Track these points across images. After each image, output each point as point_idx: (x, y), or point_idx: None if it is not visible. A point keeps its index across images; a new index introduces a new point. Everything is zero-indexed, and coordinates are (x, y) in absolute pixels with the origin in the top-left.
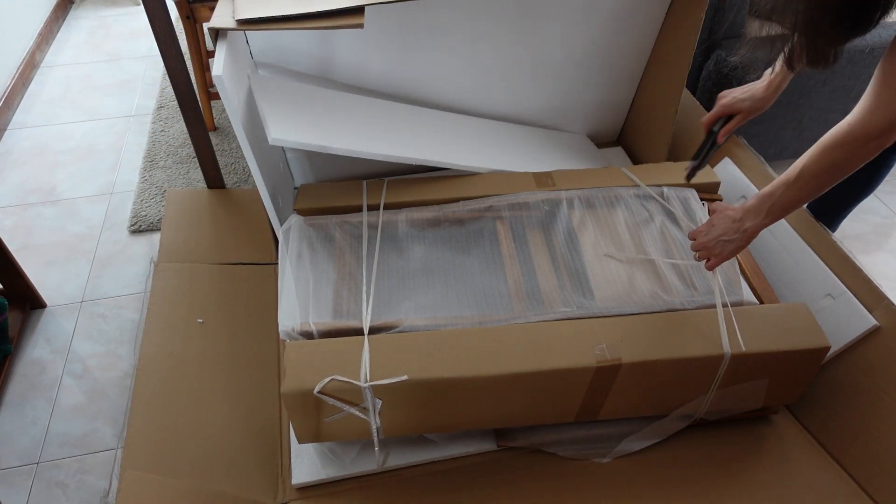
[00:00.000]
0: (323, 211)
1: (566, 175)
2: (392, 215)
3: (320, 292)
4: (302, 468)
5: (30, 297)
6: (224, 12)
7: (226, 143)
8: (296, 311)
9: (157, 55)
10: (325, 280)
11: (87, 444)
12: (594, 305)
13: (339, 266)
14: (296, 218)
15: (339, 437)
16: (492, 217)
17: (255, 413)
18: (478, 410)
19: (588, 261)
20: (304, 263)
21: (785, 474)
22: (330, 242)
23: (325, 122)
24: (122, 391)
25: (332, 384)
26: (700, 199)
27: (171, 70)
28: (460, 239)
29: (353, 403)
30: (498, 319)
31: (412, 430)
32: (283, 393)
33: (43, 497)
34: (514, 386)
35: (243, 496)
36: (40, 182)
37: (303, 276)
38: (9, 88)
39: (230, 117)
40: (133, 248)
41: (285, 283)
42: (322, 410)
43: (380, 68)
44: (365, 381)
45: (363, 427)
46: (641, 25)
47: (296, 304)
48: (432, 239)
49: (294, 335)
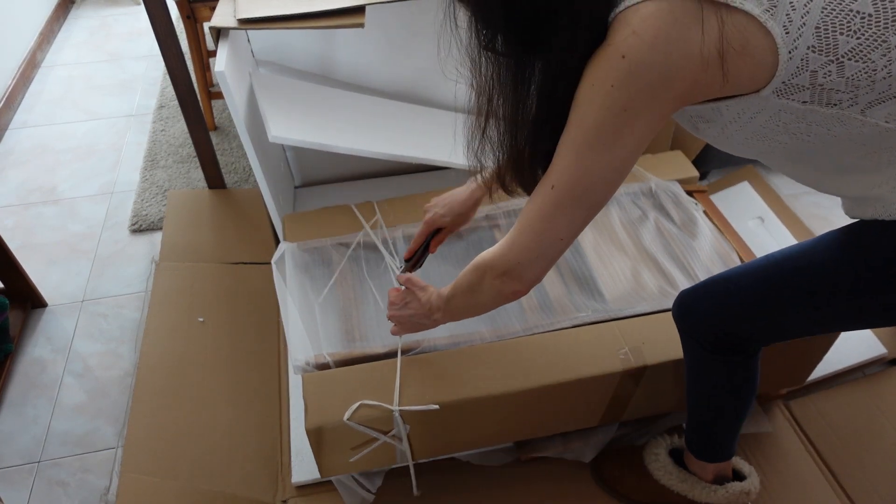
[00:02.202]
0: (313, 237)
1: None
2: (388, 233)
3: (328, 321)
4: (302, 467)
5: (31, 297)
6: (225, 11)
7: (226, 143)
8: (307, 344)
9: (157, 55)
10: (330, 307)
11: (88, 442)
12: (607, 307)
13: (342, 291)
14: (287, 245)
15: (365, 467)
16: (489, 226)
17: (255, 411)
18: (506, 425)
19: (592, 263)
20: (306, 292)
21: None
22: (328, 267)
23: (325, 120)
24: (122, 390)
25: (359, 412)
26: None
27: (171, 70)
28: (460, 252)
29: (381, 431)
30: (515, 332)
31: (440, 452)
32: (307, 430)
33: (44, 495)
34: (543, 398)
35: (243, 494)
36: (41, 181)
37: (307, 305)
38: (10, 88)
39: (232, 114)
40: (134, 248)
41: (290, 316)
42: (348, 441)
43: (380, 67)
44: (396, 405)
45: (389, 454)
46: None
47: (305, 336)
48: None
49: (309, 369)
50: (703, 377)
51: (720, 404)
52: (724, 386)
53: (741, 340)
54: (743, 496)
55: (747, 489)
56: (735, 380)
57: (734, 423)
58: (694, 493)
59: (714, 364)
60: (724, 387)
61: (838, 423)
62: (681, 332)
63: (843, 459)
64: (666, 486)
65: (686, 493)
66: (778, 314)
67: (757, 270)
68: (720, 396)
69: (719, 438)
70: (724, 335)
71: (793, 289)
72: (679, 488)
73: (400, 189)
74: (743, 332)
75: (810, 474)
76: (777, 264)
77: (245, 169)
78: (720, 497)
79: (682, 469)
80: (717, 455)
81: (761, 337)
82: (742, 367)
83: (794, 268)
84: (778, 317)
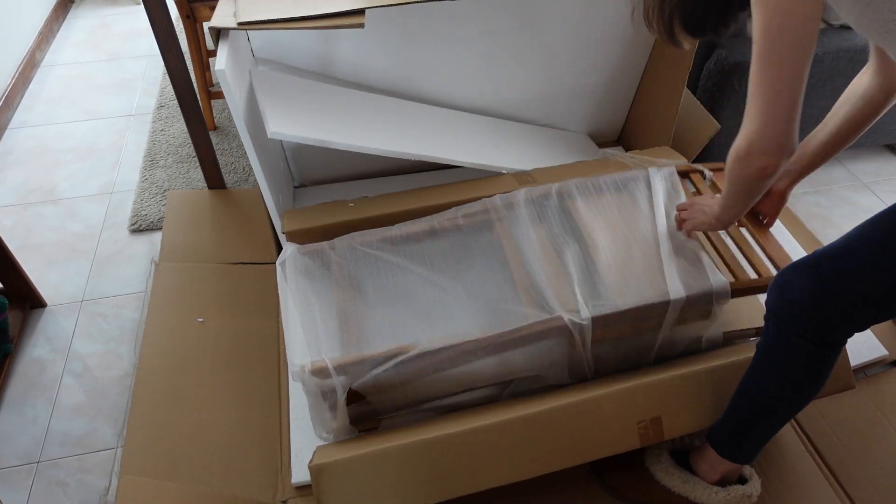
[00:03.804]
0: (311, 232)
1: (547, 172)
2: (385, 232)
3: (328, 325)
4: (302, 467)
5: (30, 297)
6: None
7: (226, 143)
8: (305, 348)
9: (157, 54)
10: (329, 311)
11: (88, 443)
12: (609, 300)
13: (339, 294)
14: (291, 248)
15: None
16: (487, 220)
17: (255, 412)
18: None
19: (592, 254)
20: (307, 296)
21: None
22: (327, 269)
23: (325, 117)
24: (122, 390)
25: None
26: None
27: (171, 69)
28: (460, 247)
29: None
30: (512, 338)
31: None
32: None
33: (43, 496)
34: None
35: (243, 495)
36: (40, 181)
37: (307, 309)
38: (9, 88)
39: (232, 113)
40: (133, 248)
41: (290, 320)
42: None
43: (380, 65)
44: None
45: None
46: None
47: (303, 340)
48: (431, 251)
49: (306, 374)
50: (776, 367)
51: (778, 399)
52: (794, 380)
53: (841, 322)
54: (744, 499)
55: (749, 492)
56: (810, 373)
57: (777, 425)
58: (696, 495)
59: (797, 353)
60: (794, 381)
61: (839, 424)
62: (771, 313)
63: (844, 460)
64: (667, 488)
65: (687, 495)
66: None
67: (867, 233)
68: (783, 390)
69: (754, 438)
70: (826, 318)
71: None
72: (681, 490)
73: (399, 188)
74: (849, 309)
75: (811, 475)
76: (889, 220)
77: (245, 169)
78: (721, 499)
79: (683, 470)
80: (742, 456)
81: (870, 315)
82: (825, 361)
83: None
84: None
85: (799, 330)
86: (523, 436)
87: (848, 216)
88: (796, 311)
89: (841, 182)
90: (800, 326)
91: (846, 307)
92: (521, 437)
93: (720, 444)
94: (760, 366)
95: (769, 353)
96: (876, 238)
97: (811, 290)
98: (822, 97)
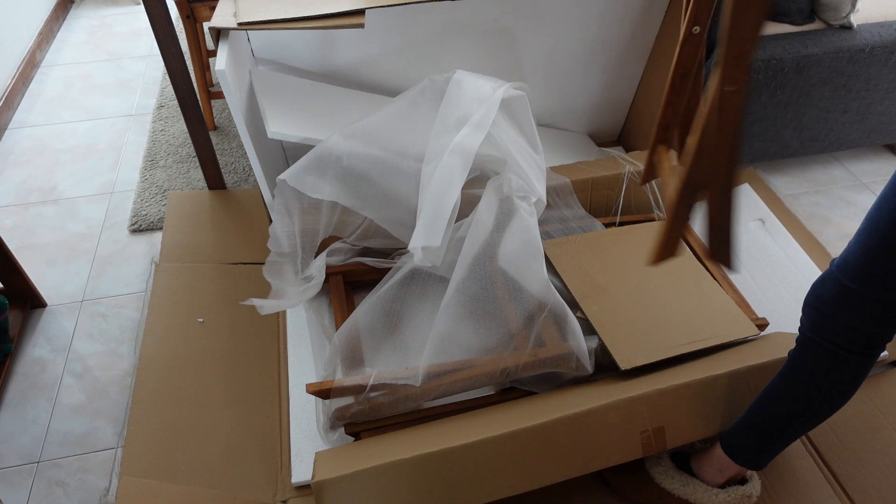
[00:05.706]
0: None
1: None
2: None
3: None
4: (302, 467)
5: (30, 297)
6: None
7: (226, 143)
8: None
9: (157, 54)
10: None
11: (88, 443)
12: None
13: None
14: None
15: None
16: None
17: (255, 411)
18: None
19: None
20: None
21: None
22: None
23: (324, 117)
24: (122, 390)
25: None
26: None
27: (171, 69)
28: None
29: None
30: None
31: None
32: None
33: (43, 496)
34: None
35: (242, 495)
36: (40, 181)
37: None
38: (9, 88)
39: (232, 113)
40: (133, 248)
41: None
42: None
43: (380, 65)
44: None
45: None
46: (641, 24)
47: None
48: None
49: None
50: (810, 372)
51: (807, 405)
52: (827, 386)
53: (881, 333)
54: (745, 500)
55: (749, 493)
56: (844, 380)
57: (799, 431)
58: (696, 497)
59: (833, 360)
60: (826, 387)
61: (839, 424)
62: (808, 319)
63: (844, 460)
64: (667, 490)
65: (688, 497)
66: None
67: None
68: (813, 396)
69: (771, 445)
70: (860, 323)
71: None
72: (681, 492)
73: None
74: (887, 313)
75: (811, 475)
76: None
77: (245, 169)
78: (721, 500)
79: (684, 473)
80: (760, 462)
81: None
82: (862, 367)
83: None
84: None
85: (836, 339)
86: (527, 448)
87: (848, 216)
88: (833, 323)
89: (841, 182)
90: (840, 335)
91: (880, 310)
92: (524, 450)
93: (737, 449)
94: (789, 374)
95: (798, 365)
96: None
97: (844, 300)
98: (822, 97)
